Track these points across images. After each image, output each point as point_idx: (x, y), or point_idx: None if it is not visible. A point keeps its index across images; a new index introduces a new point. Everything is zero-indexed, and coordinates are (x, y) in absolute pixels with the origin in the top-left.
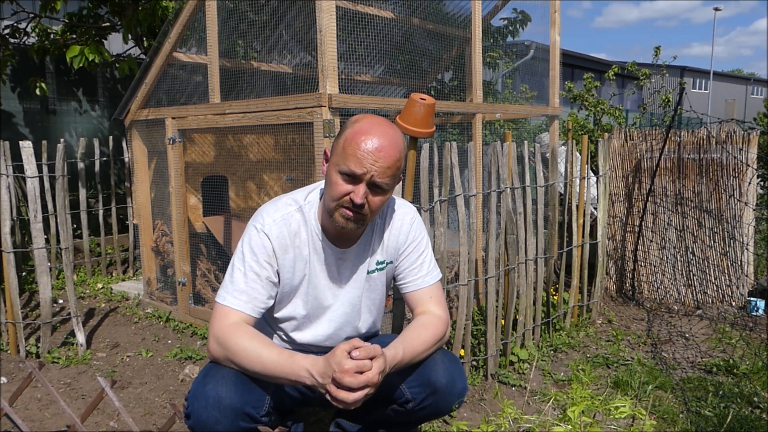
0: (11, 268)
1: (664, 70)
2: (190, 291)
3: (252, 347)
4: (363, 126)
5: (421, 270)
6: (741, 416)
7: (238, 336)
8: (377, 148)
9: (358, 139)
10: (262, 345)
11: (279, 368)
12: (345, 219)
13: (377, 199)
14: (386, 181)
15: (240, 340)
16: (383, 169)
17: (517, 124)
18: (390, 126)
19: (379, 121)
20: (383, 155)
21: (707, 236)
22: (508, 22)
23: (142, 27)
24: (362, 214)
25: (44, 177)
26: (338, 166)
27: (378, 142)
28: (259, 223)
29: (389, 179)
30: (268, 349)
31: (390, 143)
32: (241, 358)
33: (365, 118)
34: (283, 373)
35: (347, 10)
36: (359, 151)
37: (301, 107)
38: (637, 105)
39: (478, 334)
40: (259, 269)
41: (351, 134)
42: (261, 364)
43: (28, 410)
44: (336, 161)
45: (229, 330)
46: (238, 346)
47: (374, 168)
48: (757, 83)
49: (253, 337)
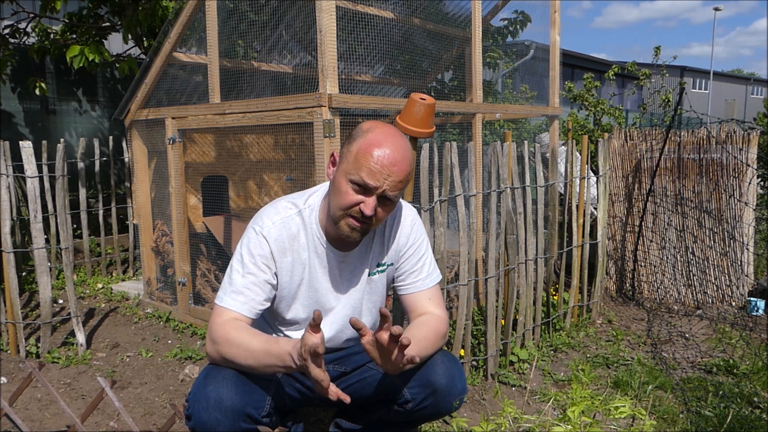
0: (11, 268)
1: (664, 70)
2: (190, 291)
3: (239, 338)
4: (377, 137)
5: (422, 272)
6: (741, 416)
7: (228, 330)
8: (392, 162)
9: (372, 150)
10: (249, 335)
11: (267, 355)
12: (351, 228)
13: (386, 210)
14: (396, 193)
15: (229, 333)
16: (395, 183)
17: (517, 124)
18: (401, 137)
19: (391, 131)
20: (396, 170)
21: (707, 236)
22: (508, 22)
23: (142, 27)
24: (368, 224)
25: (44, 177)
26: (349, 176)
27: (393, 156)
28: (258, 225)
29: (399, 192)
30: (255, 338)
31: (403, 157)
32: (232, 352)
33: (378, 128)
34: (271, 359)
35: (347, 10)
36: (373, 164)
37: (301, 107)
38: (637, 105)
39: (478, 334)
40: (257, 271)
41: (365, 144)
42: (250, 353)
43: (28, 410)
44: (347, 169)
45: (220, 327)
46: (228, 338)
47: (387, 182)
48: (757, 83)
49: (241, 330)
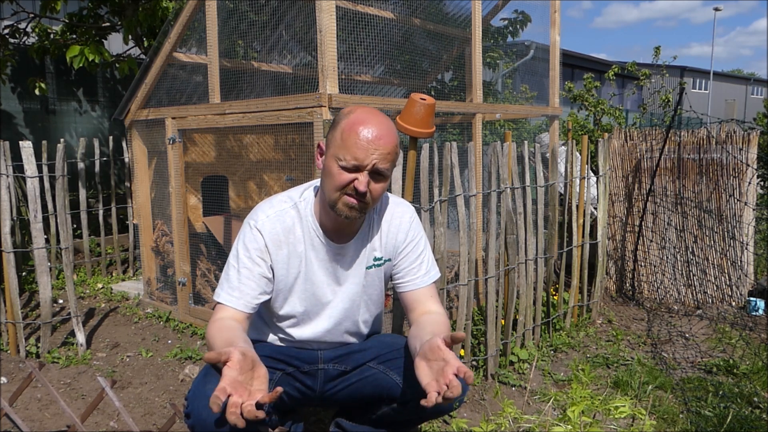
0: (11, 268)
1: (664, 70)
2: (190, 291)
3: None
4: (359, 116)
5: (420, 269)
6: (741, 416)
7: (213, 329)
8: (377, 136)
9: (356, 128)
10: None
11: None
12: (349, 207)
13: (379, 186)
14: (387, 166)
15: (212, 333)
16: (384, 155)
17: (517, 124)
18: (382, 114)
19: (371, 110)
20: (383, 143)
21: (707, 236)
22: (508, 22)
23: (142, 27)
24: (365, 201)
25: (44, 177)
26: (338, 157)
27: (377, 130)
28: (253, 220)
29: (389, 164)
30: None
31: (387, 130)
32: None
33: (358, 109)
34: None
35: (347, 10)
36: (360, 141)
37: (301, 107)
38: (637, 105)
39: (478, 334)
40: (252, 265)
41: (348, 125)
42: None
43: (28, 410)
44: (335, 152)
45: (210, 326)
46: (207, 337)
47: (375, 155)
48: (757, 83)
49: (220, 330)
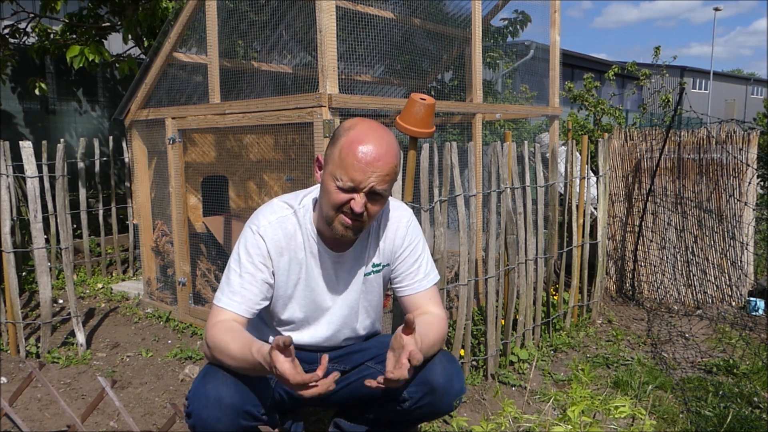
0: (11, 268)
1: (664, 70)
2: (190, 291)
3: (223, 342)
4: (358, 134)
5: (418, 274)
6: (741, 416)
7: (215, 334)
8: (375, 158)
9: (355, 148)
10: (232, 339)
11: (245, 362)
12: (344, 227)
13: (376, 207)
14: (385, 187)
15: (216, 337)
16: (382, 177)
17: (517, 124)
18: (384, 130)
19: (373, 126)
20: (381, 164)
21: (707, 236)
22: (508, 22)
23: (142, 27)
24: (361, 221)
25: (44, 177)
26: (336, 176)
27: (376, 151)
28: (254, 225)
29: (387, 185)
30: (236, 344)
31: (387, 150)
32: (220, 356)
33: (359, 124)
34: (249, 364)
35: (347, 10)
36: (357, 162)
37: (301, 107)
38: (637, 105)
39: (478, 334)
40: (254, 270)
41: (347, 143)
42: (233, 359)
43: (28, 410)
44: (332, 171)
45: (212, 328)
46: (216, 342)
47: (372, 177)
48: (757, 83)
49: (228, 333)
